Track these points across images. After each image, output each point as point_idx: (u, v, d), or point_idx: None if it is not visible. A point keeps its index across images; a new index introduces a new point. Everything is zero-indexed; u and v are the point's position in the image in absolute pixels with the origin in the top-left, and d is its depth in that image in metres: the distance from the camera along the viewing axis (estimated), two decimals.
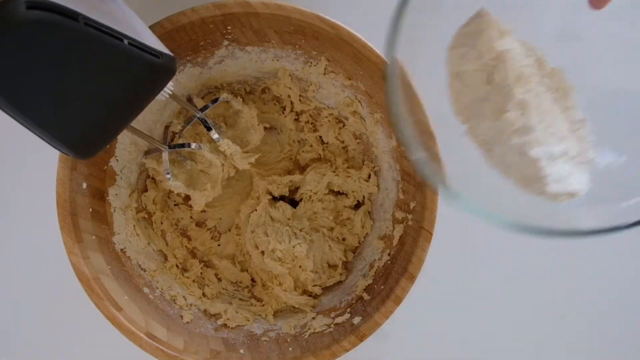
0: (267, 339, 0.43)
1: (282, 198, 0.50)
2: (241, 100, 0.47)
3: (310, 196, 0.49)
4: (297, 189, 0.50)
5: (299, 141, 0.51)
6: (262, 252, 0.47)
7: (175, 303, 0.45)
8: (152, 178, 0.48)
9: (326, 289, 0.48)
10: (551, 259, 0.51)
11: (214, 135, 0.40)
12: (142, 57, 0.31)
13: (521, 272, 0.51)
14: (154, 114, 0.45)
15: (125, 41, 0.30)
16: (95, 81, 0.30)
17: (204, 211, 0.49)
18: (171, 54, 0.33)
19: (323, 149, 0.50)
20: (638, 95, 0.30)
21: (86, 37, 0.28)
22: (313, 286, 0.47)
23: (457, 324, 0.51)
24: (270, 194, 0.49)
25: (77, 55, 0.28)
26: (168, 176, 0.43)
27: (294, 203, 0.50)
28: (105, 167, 0.43)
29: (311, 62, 0.44)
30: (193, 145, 0.43)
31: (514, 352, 0.51)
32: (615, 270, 0.52)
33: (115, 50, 0.29)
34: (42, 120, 0.29)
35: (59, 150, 0.31)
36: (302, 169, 0.51)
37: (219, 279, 0.49)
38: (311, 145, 0.50)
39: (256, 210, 0.48)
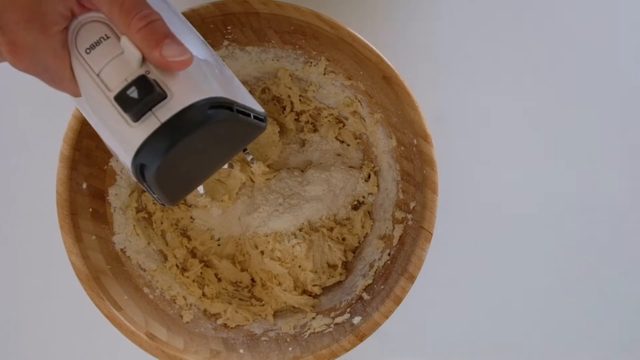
0: (267, 339, 0.43)
1: None
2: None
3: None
4: None
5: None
6: (262, 252, 0.47)
7: (175, 303, 0.45)
8: None
9: (326, 289, 0.48)
10: (553, 259, 0.51)
11: (249, 157, 0.41)
12: (256, 124, 0.33)
13: (522, 273, 0.51)
14: None
15: (252, 115, 0.32)
16: (217, 150, 0.32)
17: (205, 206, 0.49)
18: (263, 110, 0.34)
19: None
20: None
21: (235, 120, 0.30)
22: (313, 286, 0.47)
23: (456, 324, 0.51)
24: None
25: (221, 134, 0.30)
26: (201, 192, 0.43)
27: None
28: (106, 167, 0.43)
29: (311, 62, 0.44)
30: (226, 166, 0.44)
31: (514, 352, 0.51)
32: (620, 271, 0.51)
33: (244, 123, 0.31)
34: (165, 187, 0.31)
35: (156, 200, 0.33)
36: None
37: (219, 279, 0.49)
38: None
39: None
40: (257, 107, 0.34)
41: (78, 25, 0.28)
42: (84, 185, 0.41)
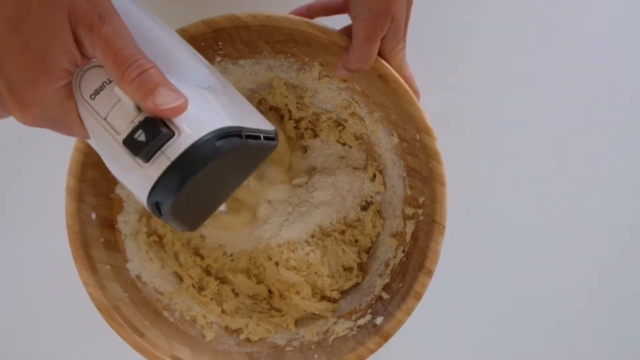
0: (292, 349, 0.43)
1: None
2: None
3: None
4: None
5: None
6: (277, 263, 0.47)
7: (196, 323, 0.45)
8: None
9: (344, 292, 0.48)
10: (553, 262, 0.51)
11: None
12: (267, 145, 0.33)
13: (522, 274, 0.51)
14: None
15: (261, 136, 0.32)
16: (231, 175, 0.32)
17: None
18: (273, 126, 0.35)
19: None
20: None
21: (245, 146, 0.30)
22: (331, 291, 0.47)
23: (468, 323, 0.51)
24: None
25: (233, 161, 0.30)
26: (223, 209, 0.44)
27: None
28: (112, 195, 0.43)
29: (305, 69, 0.44)
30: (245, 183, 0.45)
31: (521, 351, 0.51)
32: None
33: (254, 147, 0.31)
34: (182, 218, 0.31)
35: (175, 229, 0.33)
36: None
37: (236, 294, 0.49)
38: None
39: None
40: (266, 125, 0.34)
41: (80, 73, 0.29)
42: (93, 216, 0.41)
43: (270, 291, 0.49)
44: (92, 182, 0.41)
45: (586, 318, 0.51)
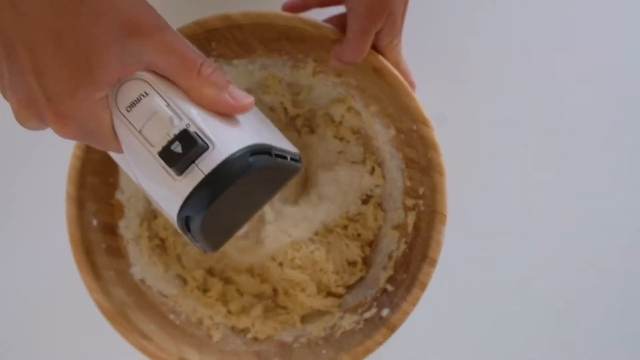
0: (299, 345, 0.43)
1: None
2: None
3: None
4: None
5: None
6: (281, 264, 0.47)
7: (202, 324, 0.45)
8: None
9: (349, 287, 0.48)
10: (553, 262, 0.51)
11: None
12: (293, 166, 0.33)
13: (524, 274, 0.51)
14: None
15: (288, 157, 0.32)
16: (256, 194, 0.33)
17: None
18: (297, 150, 0.35)
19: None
20: None
21: (274, 165, 0.31)
22: (337, 287, 0.47)
23: (474, 312, 0.51)
24: None
25: (260, 179, 0.31)
26: (242, 232, 0.45)
27: None
28: (112, 200, 0.43)
29: (299, 66, 0.44)
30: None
31: (530, 337, 0.51)
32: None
33: (282, 166, 0.32)
34: (209, 236, 0.31)
35: (198, 248, 0.33)
36: None
37: (241, 294, 0.49)
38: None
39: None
40: (291, 148, 0.34)
41: (118, 85, 0.29)
42: (94, 222, 0.41)
43: (274, 289, 0.49)
44: (92, 188, 0.41)
45: (599, 299, 0.51)
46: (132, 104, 0.29)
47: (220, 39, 0.41)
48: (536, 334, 0.51)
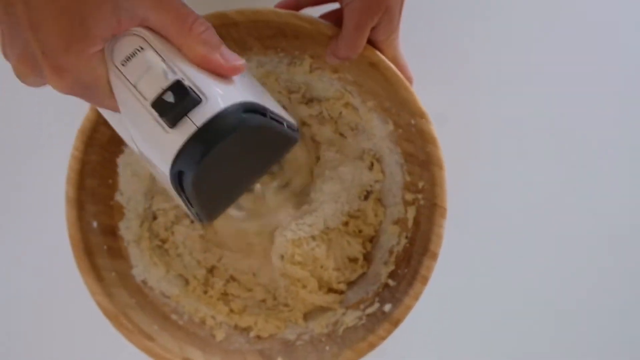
0: (302, 343, 0.43)
1: None
2: None
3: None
4: None
5: None
6: (282, 257, 0.47)
7: (205, 324, 0.45)
8: None
9: (350, 283, 0.48)
10: (554, 262, 0.51)
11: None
12: (289, 134, 0.33)
13: (525, 275, 0.51)
14: None
15: (285, 124, 0.32)
16: (251, 162, 0.33)
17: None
18: (294, 121, 0.35)
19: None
20: None
21: (269, 127, 0.30)
22: (338, 283, 0.47)
23: (477, 306, 0.51)
24: None
25: (255, 143, 0.31)
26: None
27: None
28: (112, 202, 0.43)
29: (295, 62, 0.44)
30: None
31: (533, 329, 0.51)
32: None
33: (277, 131, 0.31)
34: (203, 197, 0.31)
35: (194, 218, 0.33)
36: None
37: (243, 292, 0.49)
38: None
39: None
40: (288, 117, 0.34)
41: (113, 40, 0.29)
42: (95, 224, 0.41)
43: (276, 287, 0.49)
44: (91, 190, 0.41)
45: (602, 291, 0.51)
46: (127, 59, 0.29)
47: None
48: (538, 325, 0.51)
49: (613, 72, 0.52)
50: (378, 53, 0.40)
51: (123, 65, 0.29)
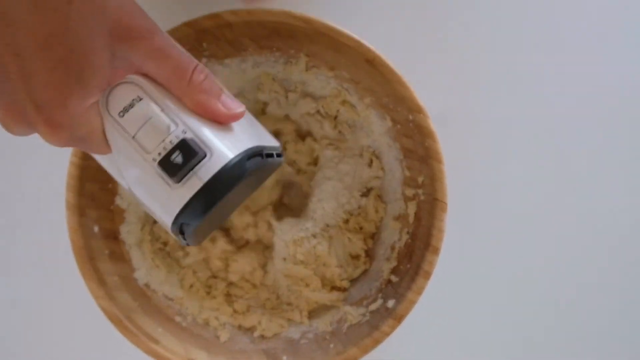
0: (307, 341, 0.44)
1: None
2: None
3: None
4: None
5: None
6: (284, 259, 0.47)
7: (209, 325, 0.45)
8: None
9: (353, 280, 0.48)
10: (556, 262, 0.51)
11: None
12: (278, 162, 0.33)
13: (525, 276, 0.51)
14: None
15: (274, 154, 0.32)
16: (242, 191, 0.32)
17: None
18: (278, 143, 0.35)
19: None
20: None
21: (264, 165, 0.31)
22: (341, 281, 0.47)
23: (480, 299, 0.51)
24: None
25: (250, 179, 0.31)
26: None
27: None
28: (112, 206, 0.43)
29: (291, 61, 0.44)
30: None
31: (537, 322, 0.51)
32: None
33: (270, 164, 0.32)
34: (199, 236, 0.31)
35: (182, 244, 0.33)
36: None
37: (246, 292, 0.49)
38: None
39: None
40: (274, 143, 0.34)
41: (109, 89, 0.28)
42: (96, 229, 0.41)
43: (278, 286, 0.49)
44: (92, 195, 0.41)
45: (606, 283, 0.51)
46: (125, 109, 0.28)
47: (211, 39, 0.41)
48: (540, 319, 0.51)
49: (613, 72, 0.51)
50: (374, 49, 0.40)
51: (121, 116, 0.28)
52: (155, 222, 0.47)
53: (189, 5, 0.47)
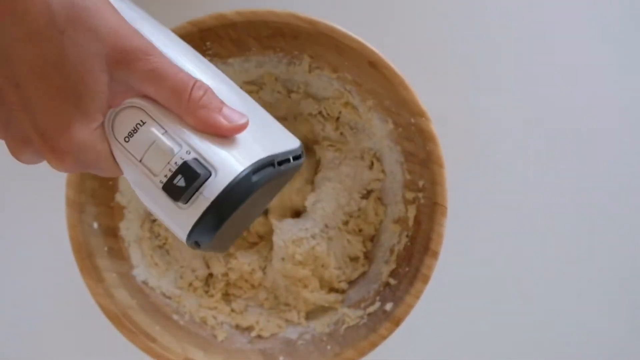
0: (304, 342, 0.44)
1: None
2: None
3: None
4: None
5: None
6: (282, 259, 0.47)
7: (207, 324, 0.45)
8: None
9: (351, 282, 0.48)
10: (557, 262, 0.51)
11: None
12: (296, 165, 0.33)
13: (525, 276, 0.51)
14: None
15: (291, 158, 0.32)
16: (261, 199, 0.32)
17: None
18: (298, 142, 0.34)
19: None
20: None
21: (278, 174, 0.30)
22: (339, 282, 0.47)
23: (478, 304, 0.51)
24: None
25: (265, 188, 0.30)
26: None
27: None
28: (112, 203, 0.43)
29: (294, 62, 0.44)
30: None
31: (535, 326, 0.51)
32: None
33: (285, 171, 0.31)
34: (218, 248, 0.32)
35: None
36: None
37: (244, 291, 0.49)
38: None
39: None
40: (291, 141, 0.34)
41: (112, 115, 0.28)
42: (95, 226, 0.42)
43: (277, 286, 0.49)
44: (92, 192, 0.41)
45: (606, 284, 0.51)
46: (130, 134, 0.28)
47: (214, 38, 0.41)
48: (539, 323, 0.51)
49: (614, 72, 0.51)
50: (377, 52, 0.40)
51: (126, 141, 0.28)
52: (155, 219, 0.47)
53: (193, 4, 0.47)
